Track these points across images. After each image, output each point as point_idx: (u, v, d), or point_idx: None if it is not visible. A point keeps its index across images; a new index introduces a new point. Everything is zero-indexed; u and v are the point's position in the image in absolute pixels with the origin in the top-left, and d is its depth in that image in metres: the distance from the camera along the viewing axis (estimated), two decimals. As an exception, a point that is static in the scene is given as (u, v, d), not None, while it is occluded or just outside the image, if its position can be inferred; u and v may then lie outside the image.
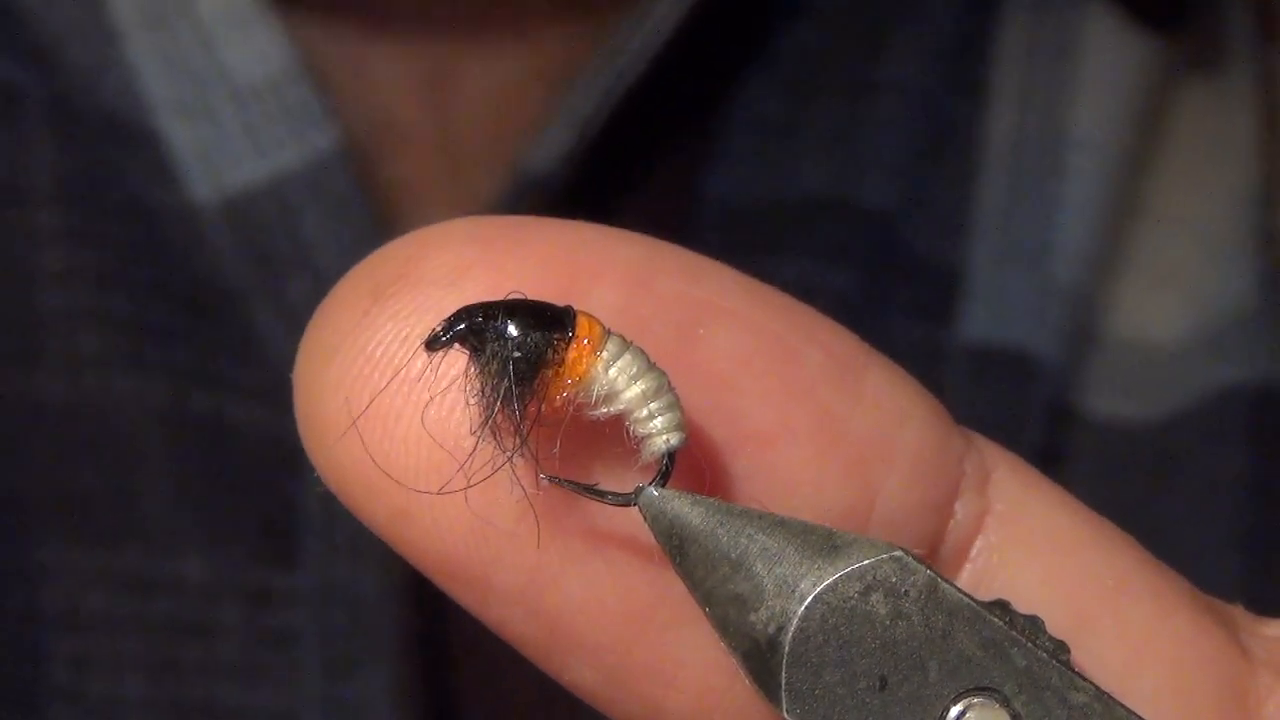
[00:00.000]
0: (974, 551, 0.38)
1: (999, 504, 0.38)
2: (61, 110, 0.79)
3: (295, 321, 0.76)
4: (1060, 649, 0.35)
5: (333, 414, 0.36)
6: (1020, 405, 0.83)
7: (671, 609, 0.36)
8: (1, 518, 0.78)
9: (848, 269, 0.84)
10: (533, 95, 0.82)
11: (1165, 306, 0.87)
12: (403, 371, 0.35)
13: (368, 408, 0.35)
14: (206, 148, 0.77)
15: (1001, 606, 0.35)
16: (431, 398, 0.35)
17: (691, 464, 0.35)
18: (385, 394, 0.35)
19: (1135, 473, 0.84)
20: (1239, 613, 0.41)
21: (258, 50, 0.77)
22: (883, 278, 0.85)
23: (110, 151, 0.78)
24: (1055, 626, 0.36)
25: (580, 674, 0.37)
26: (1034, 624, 0.35)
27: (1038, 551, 0.38)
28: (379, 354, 0.35)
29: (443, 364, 0.35)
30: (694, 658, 0.36)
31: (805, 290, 0.38)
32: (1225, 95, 0.88)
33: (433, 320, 0.35)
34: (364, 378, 0.35)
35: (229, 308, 0.78)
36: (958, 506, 0.38)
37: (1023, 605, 0.36)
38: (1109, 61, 0.86)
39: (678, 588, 0.35)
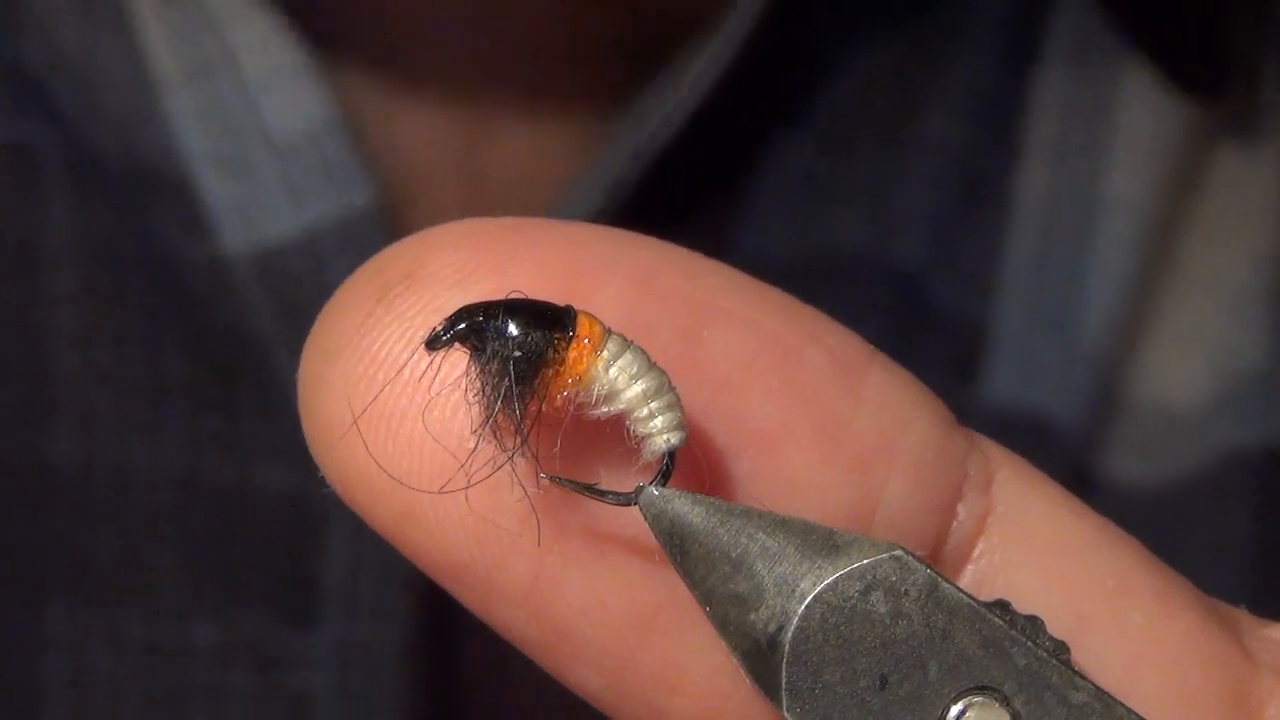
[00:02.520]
0: (976, 552, 0.38)
1: (1002, 505, 0.38)
2: (84, 167, 0.78)
3: None
4: (1060, 649, 0.35)
5: (336, 415, 0.36)
6: (1042, 469, 0.82)
7: (675, 613, 0.36)
8: (8, 579, 0.77)
9: (875, 324, 0.83)
10: (565, 152, 0.82)
11: (1188, 368, 0.86)
12: (406, 372, 0.35)
13: (369, 407, 0.35)
14: (242, 200, 0.77)
15: (1002, 607, 0.35)
16: (432, 398, 0.35)
17: (692, 463, 0.35)
18: (388, 394, 0.35)
19: (1144, 536, 0.83)
20: (1242, 615, 0.41)
21: (299, 105, 0.77)
22: (910, 333, 0.84)
23: (139, 204, 0.78)
24: (1057, 627, 0.36)
25: (584, 677, 0.37)
26: (1034, 624, 0.35)
27: (1040, 552, 0.38)
28: (383, 354, 0.35)
29: (444, 366, 0.35)
30: (698, 662, 0.36)
31: None
32: (1256, 159, 0.87)
33: (438, 321, 0.35)
34: (368, 378, 0.35)
35: (252, 364, 0.78)
36: (961, 508, 0.38)
37: (1024, 606, 0.36)
38: (1145, 123, 0.85)
39: (681, 591, 0.36)
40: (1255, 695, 0.38)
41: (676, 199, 0.82)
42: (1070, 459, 0.84)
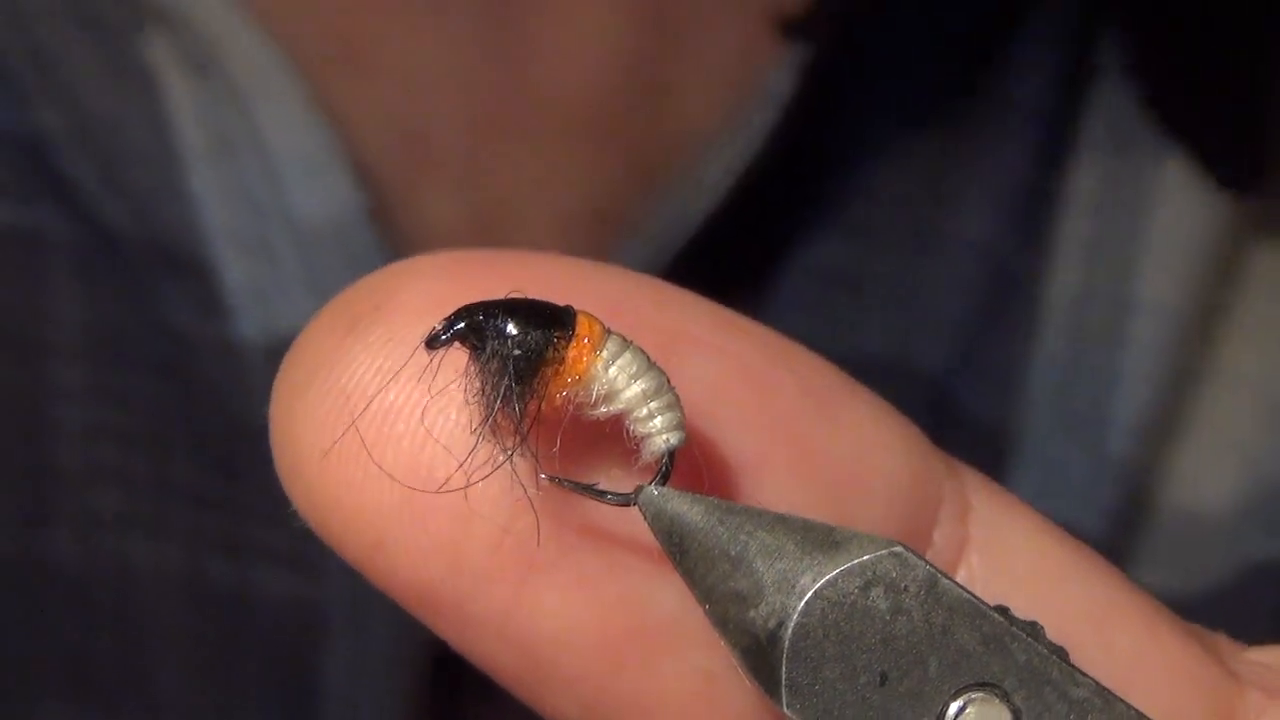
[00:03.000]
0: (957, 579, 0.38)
1: (979, 532, 0.38)
2: (95, 249, 0.77)
3: None
4: (1060, 654, 0.35)
5: (307, 445, 0.36)
6: None
7: (650, 639, 0.36)
8: (3, 679, 0.76)
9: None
10: (588, 238, 0.81)
11: (1220, 472, 0.84)
12: (377, 399, 0.35)
13: (344, 434, 0.35)
14: (262, 285, 0.76)
15: (1002, 612, 0.35)
16: (411, 421, 0.35)
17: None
18: (360, 422, 0.35)
19: None
20: (1223, 640, 0.41)
21: (326, 191, 0.76)
22: (934, 437, 0.84)
23: (153, 285, 0.77)
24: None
25: (560, 705, 0.36)
26: (1033, 629, 0.35)
27: (1020, 580, 0.38)
28: (353, 385, 0.35)
29: (407, 396, 0.35)
30: (675, 688, 0.36)
31: None
32: None
33: (408, 352, 0.35)
34: (338, 409, 0.35)
35: (257, 460, 0.77)
36: (936, 535, 0.38)
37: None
38: (1181, 219, 0.83)
39: (658, 616, 0.35)
40: (1242, 713, 0.38)
41: (702, 290, 0.82)
42: None
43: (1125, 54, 0.85)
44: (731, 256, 0.81)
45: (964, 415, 0.83)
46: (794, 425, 0.37)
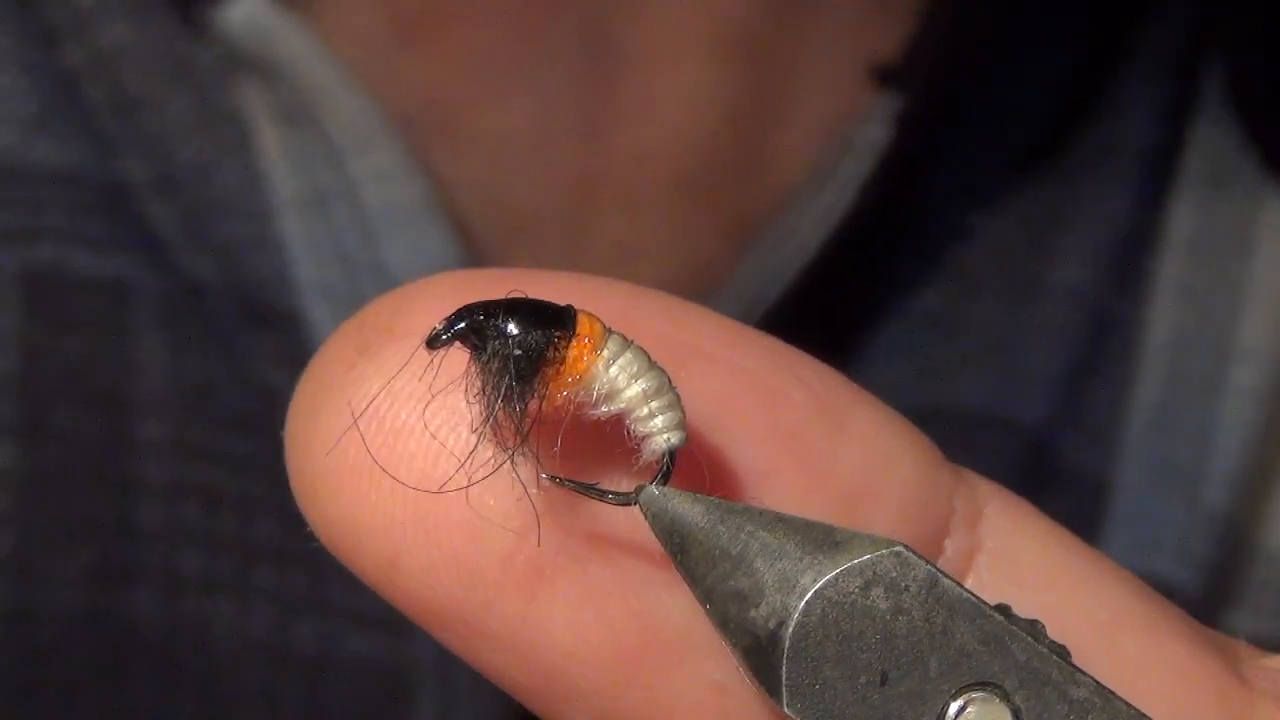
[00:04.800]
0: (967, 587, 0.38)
1: (990, 541, 0.38)
2: (180, 302, 0.76)
3: None
4: (1061, 652, 0.35)
5: (320, 467, 0.36)
6: None
7: (661, 651, 0.36)
8: None
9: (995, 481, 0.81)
10: (680, 293, 0.80)
11: None
12: (390, 419, 0.35)
13: (359, 454, 0.35)
14: None
15: (1003, 611, 0.35)
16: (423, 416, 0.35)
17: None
18: (371, 440, 0.35)
19: None
20: (1240, 645, 0.40)
21: (420, 246, 0.75)
22: (1028, 489, 0.82)
23: (239, 338, 0.76)
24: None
25: (574, 718, 0.36)
26: (1034, 628, 0.35)
27: (1030, 588, 0.38)
28: (365, 406, 0.35)
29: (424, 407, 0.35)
30: (685, 699, 0.36)
31: None
32: None
33: (417, 372, 0.35)
34: (350, 430, 0.35)
35: None
36: (947, 544, 0.38)
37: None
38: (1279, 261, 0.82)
39: (669, 628, 0.36)
40: None
41: (795, 339, 0.81)
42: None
43: (1228, 87, 0.83)
44: (828, 305, 0.80)
45: (1061, 468, 0.82)
46: (803, 435, 0.37)
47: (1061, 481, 0.81)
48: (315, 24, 0.76)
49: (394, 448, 0.35)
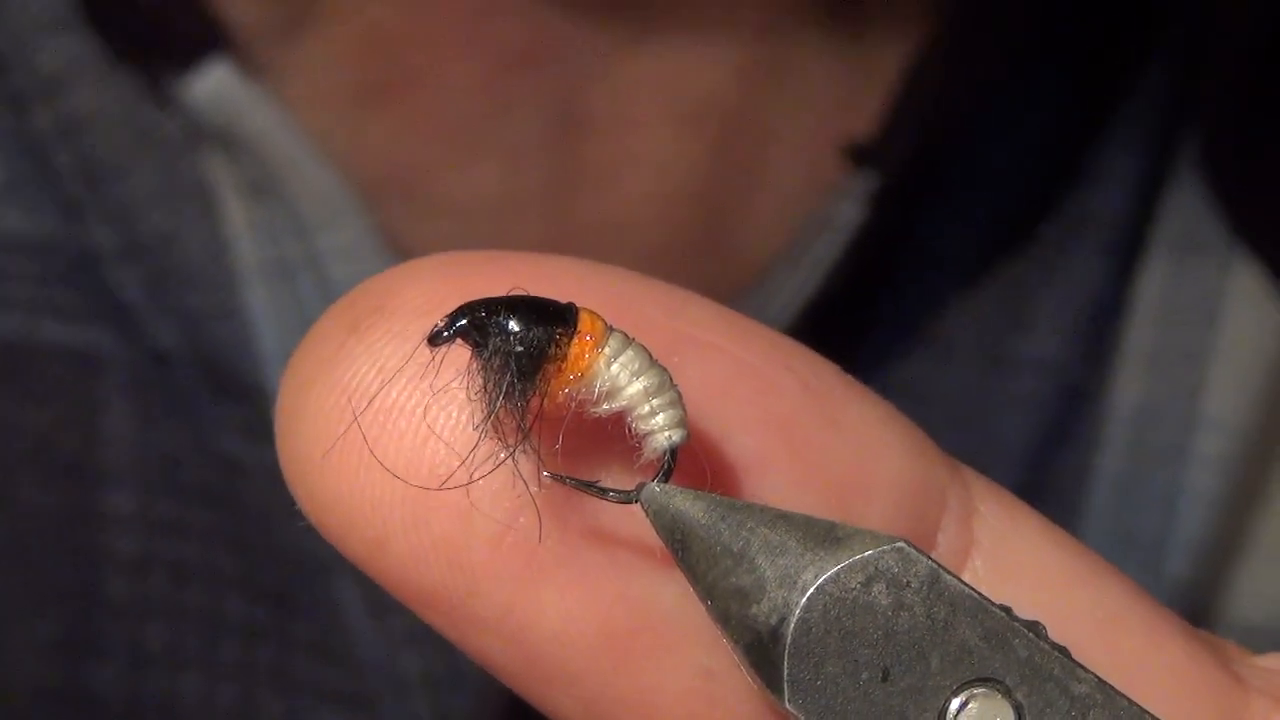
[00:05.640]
0: None
1: (984, 537, 0.38)
2: (148, 371, 0.75)
3: (380, 606, 0.72)
4: (1061, 652, 0.35)
5: (309, 445, 0.36)
6: None
7: (650, 637, 0.36)
8: None
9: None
10: None
11: (1278, 589, 0.83)
12: (378, 399, 0.35)
13: (347, 429, 0.35)
14: None
15: (1005, 611, 0.35)
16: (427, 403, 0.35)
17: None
18: (362, 420, 0.35)
19: None
20: (1231, 646, 0.41)
21: None
22: None
23: (205, 409, 0.75)
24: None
25: (561, 704, 0.36)
26: (1035, 629, 0.35)
27: (1025, 585, 0.38)
28: (355, 384, 0.35)
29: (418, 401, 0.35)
30: (676, 686, 0.36)
31: None
32: None
33: (409, 352, 0.35)
34: (339, 408, 0.35)
35: (311, 594, 0.75)
36: (941, 538, 0.38)
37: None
38: (1248, 331, 0.82)
39: (659, 613, 0.35)
40: (1247, 719, 0.38)
41: None
42: None
43: (1200, 151, 0.83)
44: None
45: None
46: (796, 427, 0.37)
47: None
48: (281, 90, 0.76)
49: (384, 428, 0.35)
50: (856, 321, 0.82)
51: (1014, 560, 0.39)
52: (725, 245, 0.81)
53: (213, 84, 0.75)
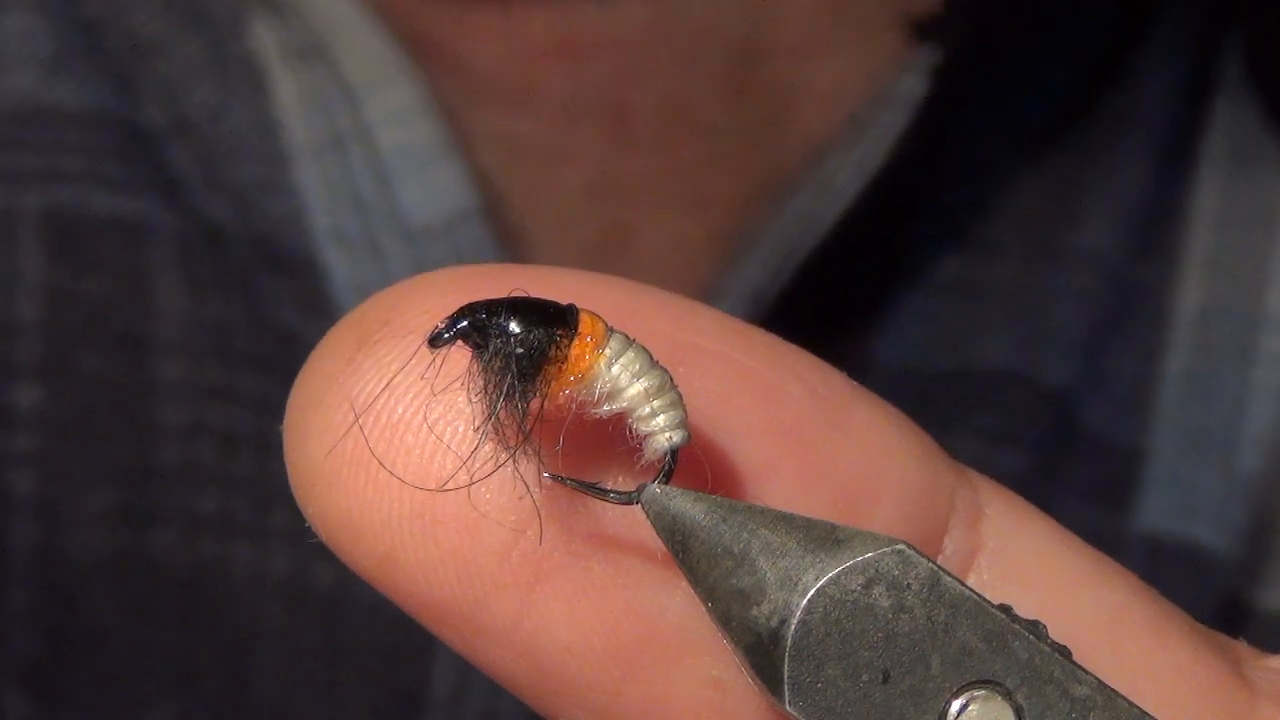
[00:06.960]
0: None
1: (991, 540, 0.38)
2: (198, 244, 0.76)
3: None
4: (1062, 652, 0.35)
5: (319, 459, 0.36)
6: (1193, 600, 0.79)
7: (659, 647, 0.36)
8: (117, 682, 0.75)
9: (1022, 450, 0.80)
10: (705, 257, 0.79)
11: None
12: (385, 413, 0.35)
13: (350, 446, 0.35)
14: (367, 283, 0.74)
15: (1005, 611, 0.35)
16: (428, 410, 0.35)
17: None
18: (369, 434, 0.35)
19: None
20: (1241, 646, 0.40)
21: (437, 187, 0.74)
22: (1058, 458, 0.81)
23: (256, 282, 0.76)
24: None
25: (571, 714, 0.36)
26: (1035, 629, 0.35)
27: (1032, 587, 0.38)
28: (363, 399, 0.35)
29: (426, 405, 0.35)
30: (683, 695, 0.36)
31: (975, 468, 0.39)
32: None
33: (416, 365, 0.35)
34: (348, 423, 0.35)
35: None
36: (947, 542, 0.38)
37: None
38: None
39: (667, 624, 0.36)
40: None
41: (816, 309, 0.79)
42: (1226, 590, 0.81)
43: (1247, 67, 0.83)
44: (852, 270, 0.80)
45: (1089, 433, 0.82)
46: (802, 433, 0.37)
47: (1090, 448, 0.82)
48: None
49: (392, 442, 0.35)
50: (905, 222, 0.82)
51: (1021, 562, 0.38)
52: (786, 118, 0.81)
53: None
